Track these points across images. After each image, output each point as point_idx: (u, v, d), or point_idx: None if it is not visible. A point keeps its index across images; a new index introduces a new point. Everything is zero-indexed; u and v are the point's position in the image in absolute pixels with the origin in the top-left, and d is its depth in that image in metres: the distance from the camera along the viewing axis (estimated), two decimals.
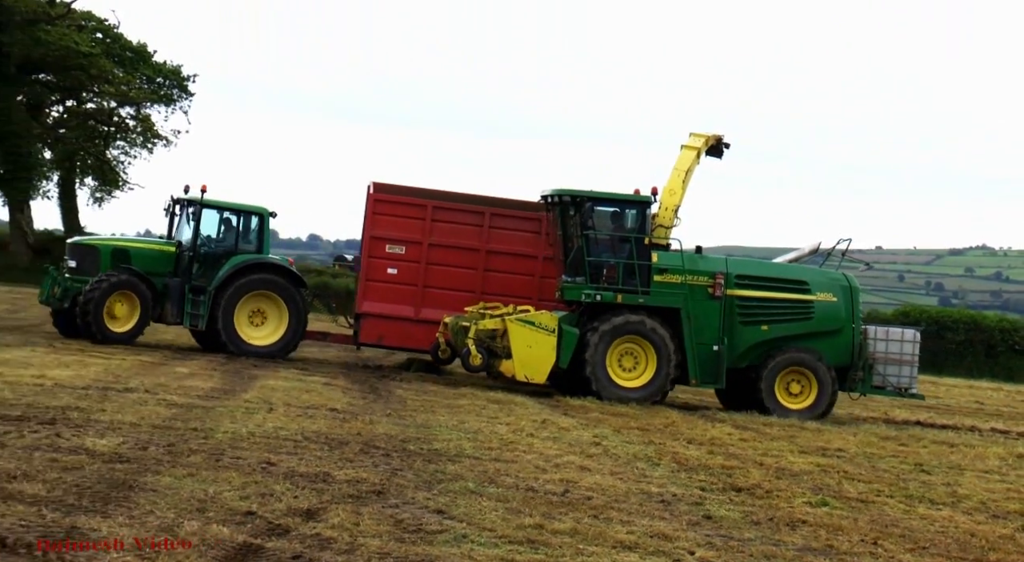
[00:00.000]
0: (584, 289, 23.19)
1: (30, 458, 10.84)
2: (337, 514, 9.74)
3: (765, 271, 24.40)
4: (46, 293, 25.94)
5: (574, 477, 12.91)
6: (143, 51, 54.59)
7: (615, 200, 23.79)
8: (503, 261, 26.34)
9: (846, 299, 24.15)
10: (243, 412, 15.65)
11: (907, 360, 24.46)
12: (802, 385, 23.68)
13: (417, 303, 26.09)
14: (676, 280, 23.43)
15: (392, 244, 26.16)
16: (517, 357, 22.58)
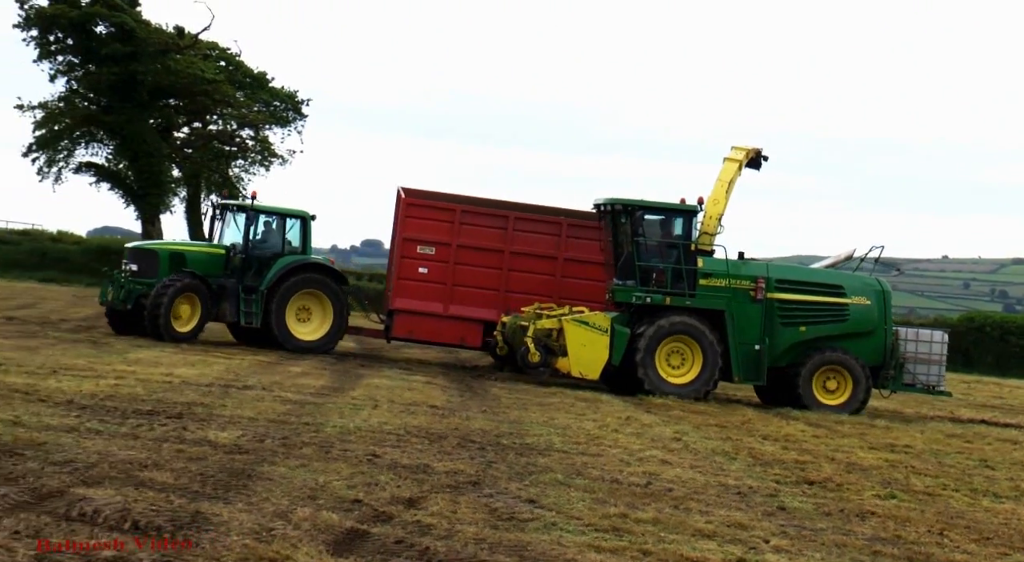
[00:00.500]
0: (635, 292, 23.17)
1: (159, 449, 10.98)
2: (436, 503, 9.77)
3: (803, 276, 24.35)
4: (105, 294, 25.83)
5: (656, 470, 12.83)
6: (262, 77, 55.23)
7: (664, 209, 23.70)
8: (525, 262, 26.49)
9: (879, 302, 24.04)
10: (351, 408, 15.75)
11: (935, 359, 24.38)
12: (838, 382, 23.54)
13: (445, 300, 26.20)
14: (720, 284, 23.37)
15: (423, 245, 26.29)
16: (572, 355, 22.54)
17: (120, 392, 14.90)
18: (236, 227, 26.53)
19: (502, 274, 26.39)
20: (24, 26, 49.25)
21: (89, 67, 49.92)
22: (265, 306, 25.42)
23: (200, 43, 52.54)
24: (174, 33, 51.60)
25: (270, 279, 25.50)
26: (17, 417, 11.94)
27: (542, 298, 25.75)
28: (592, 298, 25.79)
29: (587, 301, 25.61)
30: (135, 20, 49.05)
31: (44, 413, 12.43)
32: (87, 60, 49.88)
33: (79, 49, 49.70)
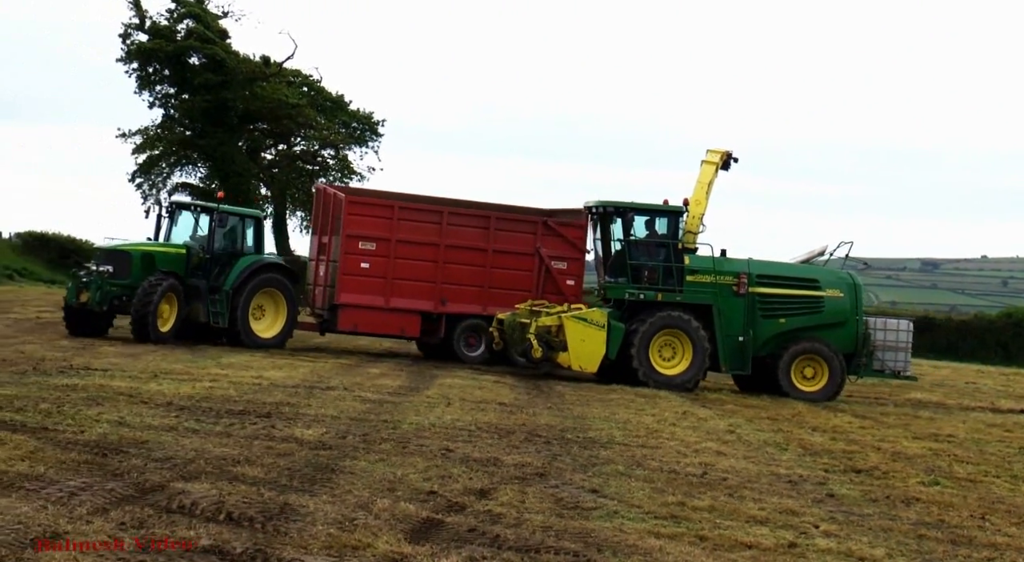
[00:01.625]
0: (627, 289, 23.13)
1: (250, 446, 11.08)
2: (506, 493, 9.76)
3: (782, 271, 24.24)
4: (74, 295, 23.98)
5: (711, 461, 12.74)
6: (341, 101, 55.61)
7: (652, 210, 23.62)
8: (458, 254, 25.91)
9: (851, 295, 24.06)
10: (425, 406, 15.79)
11: (901, 347, 24.52)
12: (814, 370, 23.53)
13: (386, 293, 25.51)
14: (706, 280, 23.36)
15: (364, 241, 25.49)
16: (572, 350, 22.37)
17: (214, 394, 15.05)
18: (189, 226, 25.46)
19: (437, 267, 25.77)
20: (126, 60, 50.05)
21: (184, 96, 50.59)
22: (232, 306, 24.42)
23: (284, 71, 53.04)
24: (261, 62, 52.13)
25: (235, 279, 24.49)
26: (122, 418, 12.10)
27: (472, 289, 25.77)
28: (518, 287, 25.86)
29: (513, 290, 25.68)
30: (225, 51, 49.64)
31: (146, 414, 12.58)
32: (182, 90, 50.55)
33: (175, 79, 50.37)
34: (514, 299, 25.50)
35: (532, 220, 26.75)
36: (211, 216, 25.05)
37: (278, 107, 50.83)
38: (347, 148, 55.44)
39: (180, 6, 50.04)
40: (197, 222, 25.50)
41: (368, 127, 55.59)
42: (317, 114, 53.56)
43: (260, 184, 54.28)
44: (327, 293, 25.87)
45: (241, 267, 24.65)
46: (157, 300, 23.20)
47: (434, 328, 25.82)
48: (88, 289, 23.73)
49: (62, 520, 7.45)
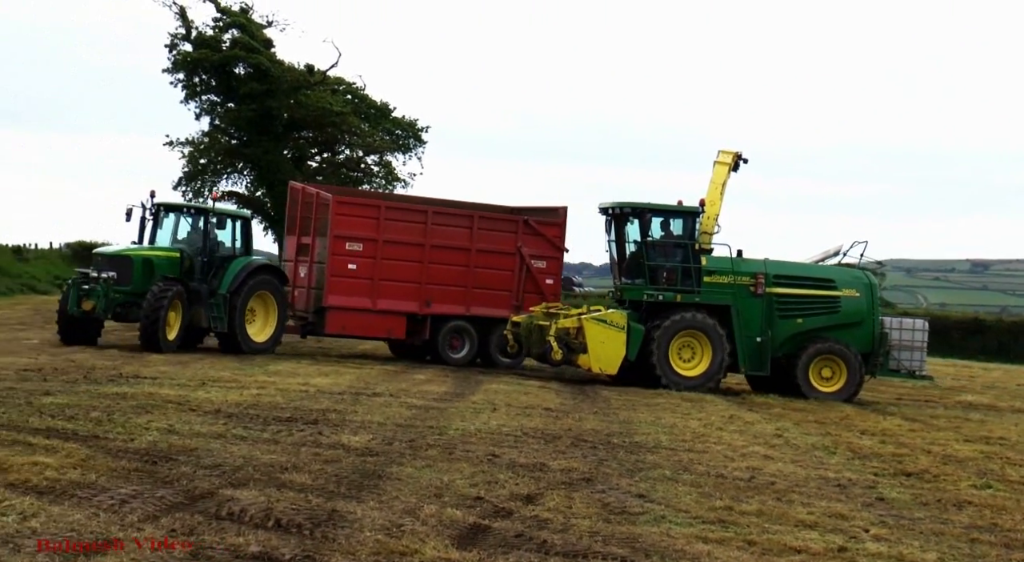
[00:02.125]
0: (645, 290, 22.99)
1: (298, 452, 11.13)
2: (552, 498, 9.75)
3: (798, 271, 24.15)
4: (75, 303, 22.59)
5: (759, 465, 12.66)
6: (384, 108, 55.81)
7: (670, 211, 23.48)
8: (443, 254, 25.44)
9: (867, 294, 23.97)
10: (471, 412, 15.80)
11: (917, 346, 24.42)
12: (832, 371, 23.41)
13: (373, 295, 24.92)
14: (723, 280, 23.26)
15: (351, 242, 24.86)
16: (592, 352, 22.27)
17: (262, 401, 15.14)
18: (178, 228, 24.28)
19: (423, 267, 25.29)
20: (172, 70, 50.56)
21: (229, 105, 51.02)
22: (230, 310, 23.39)
23: (329, 79, 53.30)
24: (305, 71, 52.42)
25: (231, 282, 23.42)
26: (171, 425, 12.21)
27: (457, 289, 25.43)
28: (500, 287, 25.73)
29: (496, 290, 25.62)
30: (270, 61, 49.96)
31: (195, 421, 12.69)
32: (228, 99, 50.94)
33: (221, 89, 50.77)
34: (496, 300, 25.55)
35: (513, 219, 26.53)
36: (205, 218, 23.92)
37: (322, 115, 51.08)
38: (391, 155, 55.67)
39: (225, 16, 50.50)
40: (177, 224, 24.32)
41: (412, 134, 55.81)
42: (361, 122, 53.79)
43: None
44: (312, 295, 25.27)
45: (236, 270, 23.62)
46: (166, 308, 22.20)
47: (419, 329, 25.41)
48: (91, 297, 22.57)
49: (114, 527, 7.53)
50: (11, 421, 11.68)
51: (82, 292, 22.62)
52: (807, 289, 23.72)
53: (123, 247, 23.70)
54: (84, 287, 22.62)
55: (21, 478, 8.78)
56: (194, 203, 24.88)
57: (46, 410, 12.58)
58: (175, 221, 24.34)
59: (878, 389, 26.24)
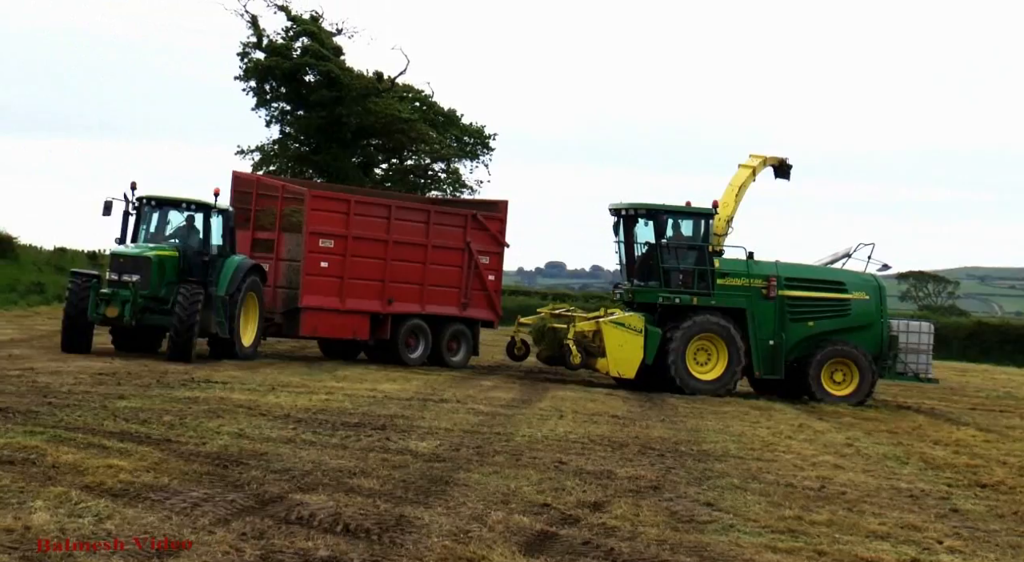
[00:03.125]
0: (660, 293, 22.70)
1: (366, 458, 11.19)
2: (620, 506, 9.71)
3: (810, 273, 23.91)
4: (98, 310, 20.77)
5: (829, 474, 12.51)
6: (452, 115, 56.05)
7: (684, 212, 23.20)
8: (403, 251, 24.51)
9: (876, 297, 23.77)
10: (538, 418, 15.80)
11: (923, 349, 24.27)
12: (844, 374, 23.20)
13: (342, 294, 23.77)
14: (736, 283, 23.00)
15: (324, 238, 23.62)
16: (611, 355, 22.02)
17: (330, 406, 15.26)
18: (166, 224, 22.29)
19: (385, 264, 24.27)
20: (244, 78, 51.21)
21: (299, 112, 51.55)
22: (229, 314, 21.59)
23: (397, 86, 53.65)
24: (374, 78, 52.82)
25: (228, 283, 21.54)
26: (241, 430, 12.34)
27: (414, 287, 24.58)
28: (450, 283, 25.04)
29: (447, 287, 24.98)
30: (340, 68, 50.42)
31: (264, 426, 12.81)
32: (298, 106, 51.49)
33: (291, 96, 51.35)
34: (446, 297, 24.88)
35: (462, 214, 25.76)
36: (205, 213, 21.96)
37: (391, 122, 51.42)
38: (458, 162, 55.89)
39: (296, 24, 51.04)
40: (165, 220, 22.28)
41: (480, 141, 55.99)
42: (429, 129, 54.07)
43: None
44: (280, 295, 23.75)
45: (231, 270, 21.73)
46: (198, 313, 20.59)
47: (380, 329, 24.40)
48: (113, 302, 20.68)
49: (186, 530, 7.62)
50: (87, 424, 11.88)
51: (102, 297, 20.73)
52: (818, 292, 23.55)
53: (139, 247, 21.55)
54: (104, 291, 20.76)
55: (96, 480, 8.93)
56: (189, 197, 22.34)
57: (120, 414, 12.78)
58: (161, 217, 22.28)
59: (951, 398, 25.81)
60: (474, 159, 56.15)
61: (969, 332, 54.34)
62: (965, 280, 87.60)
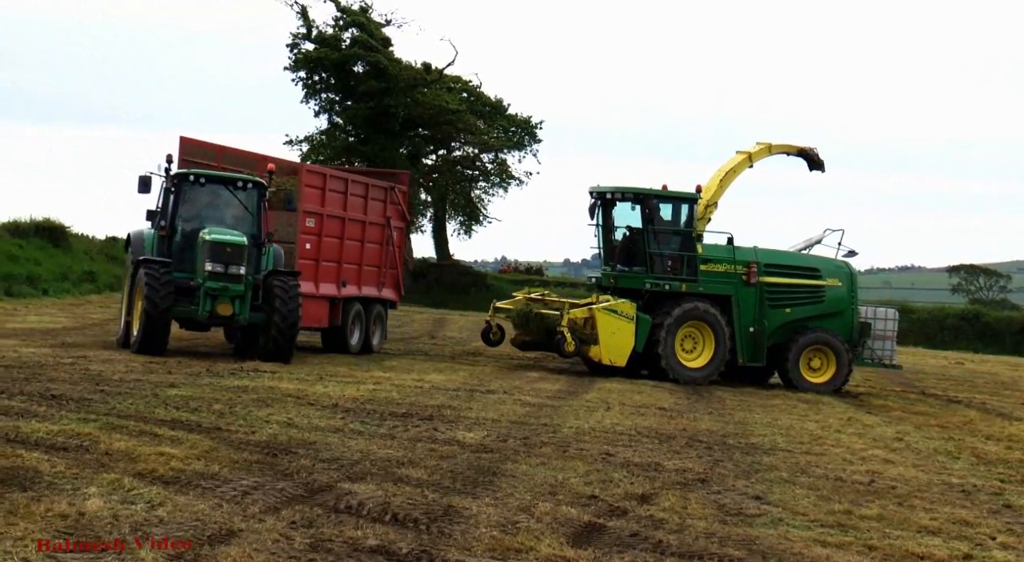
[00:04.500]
0: (646, 279, 22.32)
1: (414, 448, 11.23)
2: (667, 498, 9.69)
3: (787, 260, 23.67)
4: (206, 307, 18.50)
5: (879, 469, 12.42)
6: (500, 106, 56.14)
7: (670, 196, 22.78)
8: (354, 229, 22.71)
9: (848, 284, 23.60)
10: (585, 410, 15.79)
11: (888, 335, 24.15)
12: (821, 361, 22.98)
13: (315, 278, 21.58)
14: (719, 269, 22.73)
15: (309, 217, 21.50)
16: (603, 343, 21.57)
17: (378, 396, 15.32)
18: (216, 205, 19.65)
19: (342, 244, 22.33)
20: (293, 69, 51.51)
21: (348, 103, 51.80)
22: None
23: (445, 77, 53.83)
24: (422, 69, 53.02)
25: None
26: (290, 419, 12.43)
27: (354, 267, 22.64)
28: (375, 262, 23.42)
29: (374, 266, 23.38)
30: (388, 59, 50.63)
31: (313, 415, 12.90)
32: (346, 97, 51.78)
33: (339, 87, 51.63)
34: (371, 277, 23.26)
35: (384, 186, 23.95)
36: (259, 192, 19.55)
37: (439, 113, 51.60)
38: (506, 152, 55.94)
39: (345, 15, 51.27)
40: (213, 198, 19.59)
41: (527, 131, 55.99)
42: (476, 119, 54.18)
43: (421, 189, 55.17)
44: None
45: (273, 259, 19.78)
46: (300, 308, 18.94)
47: (335, 315, 22.34)
48: (222, 298, 18.50)
49: (236, 518, 7.69)
50: (138, 412, 12.01)
51: (211, 292, 18.47)
52: (795, 278, 23.37)
53: (229, 233, 18.94)
54: (211, 285, 18.42)
55: (148, 468, 9.03)
56: (243, 174, 19.81)
57: (171, 402, 12.91)
58: (209, 195, 19.54)
59: (1003, 393, 25.49)
60: (521, 149, 56.20)
61: (1021, 327, 53.71)
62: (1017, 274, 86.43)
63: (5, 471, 8.46)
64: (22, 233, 38.02)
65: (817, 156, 25.35)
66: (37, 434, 10.06)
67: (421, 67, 53.07)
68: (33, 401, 12.12)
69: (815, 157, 25.31)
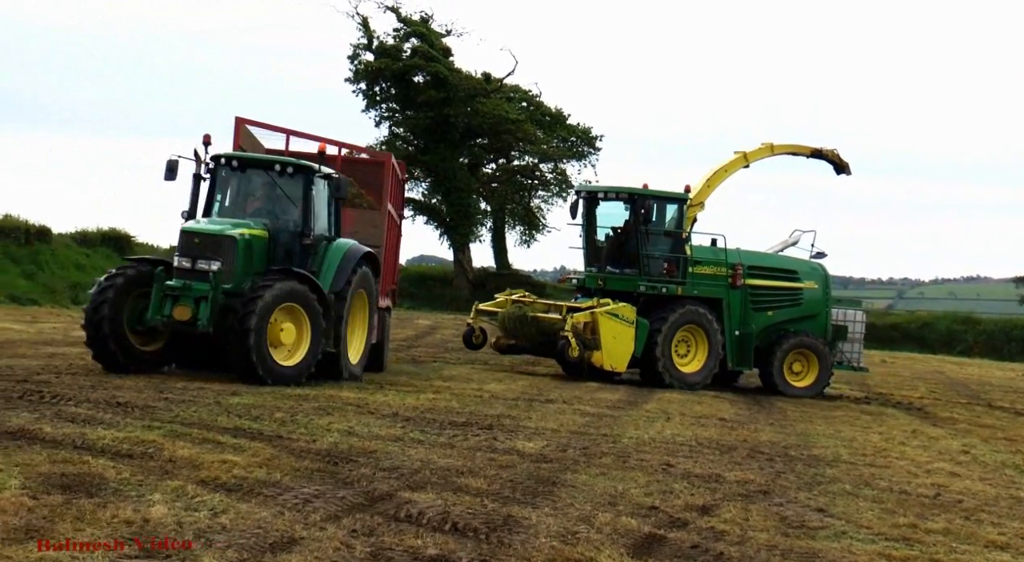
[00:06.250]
0: (639, 281, 21.92)
1: (473, 457, 11.24)
2: (728, 510, 9.62)
3: (768, 262, 23.40)
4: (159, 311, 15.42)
5: (944, 482, 12.24)
6: (560, 116, 56.16)
7: (660, 197, 22.35)
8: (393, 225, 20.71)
9: (823, 286, 23.41)
10: (645, 420, 15.72)
11: (856, 338, 24.00)
12: (803, 365, 22.75)
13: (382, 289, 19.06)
14: (708, 272, 22.41)
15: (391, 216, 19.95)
16: (605, 348, 21.10)
17: (438, 405, 15.36)
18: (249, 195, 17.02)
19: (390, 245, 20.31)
20: (354, 80, 51.94)
21: (408, 113, 52.10)
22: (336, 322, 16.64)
23: (505, 87, 53.98)
24: (482, 79, 53.22)
25: (335, 277, 16.63)
26: (351, 428, 12.50)
27: None
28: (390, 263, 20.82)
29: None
30: (448, 69, 50.90)
31: (373, 424, 12.95)
32: (406, 107, 52.09)
33: (400, 97, 51.95)
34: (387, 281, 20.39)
35: (379, 162, 21.02)
36: (306, 177, 16.58)
37: (498, 123, 51.75)
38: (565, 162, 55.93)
39: (406, 26, 51.62)
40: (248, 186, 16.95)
41: (586, 141, 55.96)
42: (536, 129, 54.25)
43: (480, 199, 55.34)
44: None
45: (338, 257, 16.74)
46: (263, 311, 15.34)
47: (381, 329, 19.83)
48: (184, 299, 15.39)
49: (298, 526, 7.74)
50: (201, 419, 12.14)
51: (169, 291, 15.47)
52: (776, 281, 23.14)
53: (217, 222, 16.22)
54: (170, 284, 15.47)
55: (211, 475, 9.11)
56: (285, 157, 17.25)
57: (233, 410, 13.03)
58: (243, 183, 16.94)
59: None
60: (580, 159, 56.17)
61: None
62: None
63: (73, 477, 8.58)
64: (89, 242, 38.67)
65: (839, 158, 25.15)
66: (103, 441, 10.20)
67: (481, 77, 53.28)
68: (99, 408, 12.29)
69: (837, 159, 25.11)
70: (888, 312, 66.19)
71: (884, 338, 51.37)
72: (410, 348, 27.65)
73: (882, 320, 55.38)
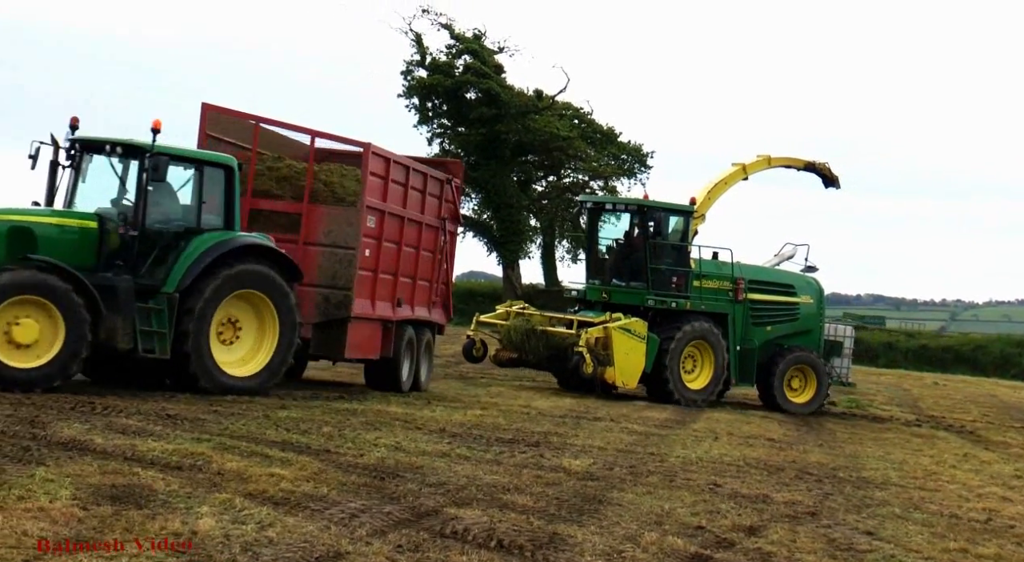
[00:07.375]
0: (647, 295, 21.59)
1: (519, 474, 11.23)
2: (776, 531, 9.54)
3: (767, 276, 23.08)
4: None
5: (996, 507, 12.06)
6: (611, 133, 56.10)
7: (670, 209, 22.09)
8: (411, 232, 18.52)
9: (818, 300, 23.10)
10: (692, 440, 15.64)
11: (845, 354, 23.88)
12: (800, 381, 22.41)
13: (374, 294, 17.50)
14: (713, 285, 22.09)
15: (372, 215, 17.20)
16: (618, 364, 20.63)
17: (485, 421, 15.37)
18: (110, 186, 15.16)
19: (399, 251, 18.02)
20: (407, 95, 52.23)
21: (459, 129, 52.29)
22: (179, 322, 14.57)
23: (556, 104, 54.01)
24: (534, 96, 53.29)
25: (184, 273, 14.61)
26: (398, 443, 12.53)
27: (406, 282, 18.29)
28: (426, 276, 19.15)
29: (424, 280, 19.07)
30: (500, 86, 51.03)
31: (420, 439, 12.98)
32: (458, 123, 52.28)
33: (452, 113, 52.16)
34: (423, 295, 18.96)
35: (440, 178, 19.33)
36: (141, 162, 14.56)
37: (550, 140, 51.78)
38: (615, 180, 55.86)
39: (459, 43, 51.85)
40: (124, 177, 15.01)
41: (637, 159, 55.86)
42: (587, 146, 54.23)
43: (530, 215, 55.34)
44: (317, 299, 16.72)
45: (197, 253, 14.74)
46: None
47: (387, 343, 17.95)
48: None
49: (344, 541, 7.76)
50: (250, 433, 12.22)
51: None
52: (775, 295, 22.84)
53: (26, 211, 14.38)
54: None
55: (259, 488, 9.17)
56: (122, 140, 14.89)
57: (282, 424, 13.11)
58: (97, 170, 15.27)
59: None
60: (631, 177, 56.06)
61: None
62: None
63: (122, 488, 8.67)
64: None
65: (829, 171, 25.05)
66: (153, 453, 10.30)
67: (533, 94, 53.35)
68: (149, 420, 12.41)
69: (827, 173, 25.00)
70: (941, 334, 65.43)
71: (936, 360, 50.78)
72: (458, 364, 27.67)
73: (935, 342, 54.79)
